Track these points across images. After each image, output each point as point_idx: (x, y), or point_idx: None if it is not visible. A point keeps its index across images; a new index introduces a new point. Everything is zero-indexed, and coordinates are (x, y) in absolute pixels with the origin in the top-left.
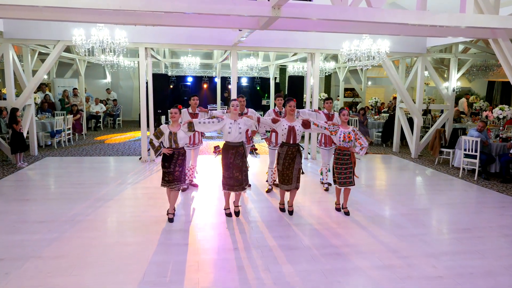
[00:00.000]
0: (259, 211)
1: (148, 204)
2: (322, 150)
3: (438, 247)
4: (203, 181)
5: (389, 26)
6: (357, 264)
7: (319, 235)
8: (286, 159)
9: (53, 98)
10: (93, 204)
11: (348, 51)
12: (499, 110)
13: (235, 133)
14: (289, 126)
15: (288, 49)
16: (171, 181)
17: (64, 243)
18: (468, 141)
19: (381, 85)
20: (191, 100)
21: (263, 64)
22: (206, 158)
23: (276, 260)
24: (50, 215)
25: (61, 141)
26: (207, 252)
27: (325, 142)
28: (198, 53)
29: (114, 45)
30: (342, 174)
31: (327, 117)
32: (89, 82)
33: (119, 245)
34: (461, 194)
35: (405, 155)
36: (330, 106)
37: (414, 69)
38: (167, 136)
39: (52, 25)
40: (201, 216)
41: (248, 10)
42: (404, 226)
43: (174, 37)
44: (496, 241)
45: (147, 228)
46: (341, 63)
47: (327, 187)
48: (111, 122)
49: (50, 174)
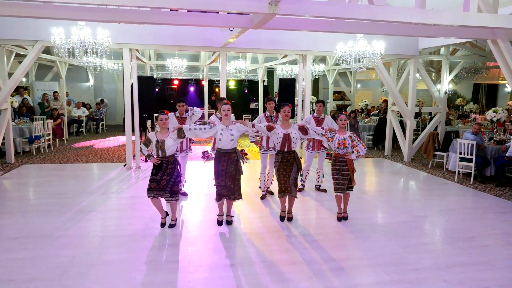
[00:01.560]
0: (253, 221)
1: (134, 216)
2: (308, 153)
3: (446, 258)
4: (192, 189)
5: (387, 25)
6: (364, 280)
7: (319, 248)
8: (282, 166)
9: (32, 102)
10: (73, 216)
11: (342, 52)
12: (493, 113)
13: (226, 140)
14: (284, 134)
15: (279, 51)
16: (153, 189)
17: (40, 262)
18: (463, 144)
19: (369, 88)
20: (177, 106)
21: (251, 67)
22: (195, 164)
23: (276, 277)
24: (26, 230)
25: (40, 148)
26: (200, 270)
27: (313, 145)
28: (185, 55)
29: (97, 46)
30: (339, 180)
31: (316, 121)
32: (71, 85)
33: (102, 264)
34: (459, 199)
35: (397, 158)
36: (321, 109)
37: (406, 71)
38: (154, 144)
39: (29, 24)
40: (192, 228)
41: (243, 6)
42: (406, 235)
43: (161, 37)
44: (503, 250)
45: (134, 244)
46: (330, 65)
47: (301, 188)
48: (94, 127)
49: (27, 183)
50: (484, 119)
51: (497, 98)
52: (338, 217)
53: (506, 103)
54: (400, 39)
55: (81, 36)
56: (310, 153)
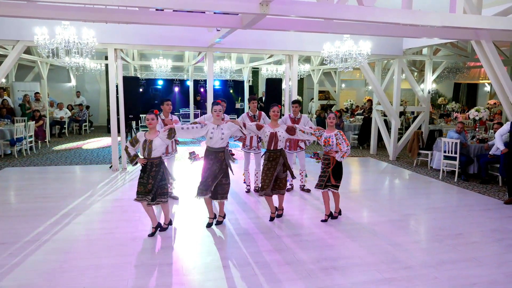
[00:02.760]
0: (244, 222)
1: (122, 218)
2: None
3: (435, 256)
4: (182, 191)
5: (374, 26)
6: (357, 278)
7: (311, 247)
8: (267, 165)
9: (12, 103)
10: (60, 220)
11: (329, 52)
12: (475, 112)
13: (216, 138)
14: (271, 132)
15: (266, 51)
16: (140, 192)
17: (28, 268)
18: (447, 143)
19: (353, 88)
20: (164, 105)
21: (236, 67)
22: (183, 165)
23: (270, 278)
24: (11, 235)
25: (22, 150)
26: (194, 272)
27: (289, 146)
28: (169, 55)
29: (82, 46)
30: (320, 176)
31: (292, 121)
32: (52, 86)
33: (92, 269)
34: (444, 197)
35: (383, 157)
36: (297, 110)
37: (391, 71)
38: (141, 144)
39: (9, 23)
40: (183, 230)
41: (233, 7)
42: (396, 234)
43: (146, 37)
44: (491, 247)
45: (123, 247)
46: (315, 65)
47: (289, 187)
48: (77, 128)
49: (10, 187)
50: (465, 118)
51: (477, 97)
52: (323, 219)
53: (486, 102)
54: (385, 40)
55: (65, 36)
56: (288, 153)
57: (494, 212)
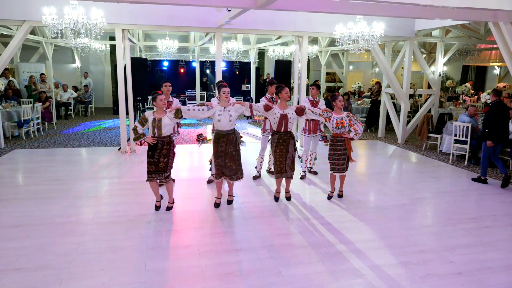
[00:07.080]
0: (254, 205)
1: (136, 201)
2: (305, 138)
3: (450, 240)
4: (190, 174)
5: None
6: (373, 262)
7: (323, 231)
8: (278, 147)
9: (17, 85)
10: (73, 203)
11: (341, 34)
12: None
13: (224, 121)
14: (281, 114)
15: (276, 32)
16: (152, 172)
17: (46, 251)
18: (459, 126)
19: (360, 70)
20: (163, 87)
21: (243, 48)
22: (190, 148)
23: (286, 261)
24: (26, 217)
25: (30, 132)
26: (209, 256)
27: (309, 129)
28: (175, 36)
29: (90, 26)
30: (336, 160)
31: (311, 104)
32: (56, 67)
33: (109, 251)
34: (455, 181)
35: (391, 140)
36: (316, 92)
37: (402, 53)
38: (151, 122)
39: (15, 2)
40: (197, 213)
41: None
42: (409, 218)
43: (154, 18)
44: (504, 231)
45: (139, 229)
46: (323, 47)
47: (303, 175)
48: (82, 110)
49: (20, 169)
50: (474, 101)
51: (485, 80)
52: (329, 196)
53: (495, 85)
54: (397, 21)
55: (73, 16)
56: (307, 137)
57: (506, 196)
